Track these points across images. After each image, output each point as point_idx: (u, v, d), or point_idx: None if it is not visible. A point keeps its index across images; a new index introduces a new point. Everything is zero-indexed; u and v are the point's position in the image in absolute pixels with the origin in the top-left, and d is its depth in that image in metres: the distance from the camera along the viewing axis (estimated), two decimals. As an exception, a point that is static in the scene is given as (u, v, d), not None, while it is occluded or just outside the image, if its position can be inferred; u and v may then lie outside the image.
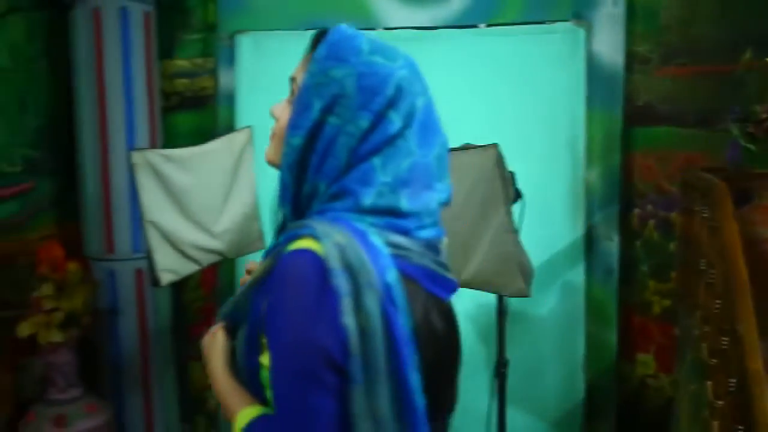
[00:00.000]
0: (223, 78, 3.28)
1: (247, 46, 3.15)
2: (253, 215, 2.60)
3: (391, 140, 1.10)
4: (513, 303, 2.49)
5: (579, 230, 3.02)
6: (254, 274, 1.14)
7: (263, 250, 1.48)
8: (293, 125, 1.14)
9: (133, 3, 3.10)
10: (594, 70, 2.98)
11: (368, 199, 1.09)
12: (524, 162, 2.39)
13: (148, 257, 2.43)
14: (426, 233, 1.14)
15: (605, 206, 3.03)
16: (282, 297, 1.03)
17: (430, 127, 1.17)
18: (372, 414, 1.00)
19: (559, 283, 3.03)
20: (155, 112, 3.25)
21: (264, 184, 2.71)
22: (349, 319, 0.99)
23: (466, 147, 2.20)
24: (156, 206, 2.39)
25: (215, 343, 1.22)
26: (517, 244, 2.19)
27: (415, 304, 1.08)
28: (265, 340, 1.07)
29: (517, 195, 2.33)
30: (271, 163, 1.24)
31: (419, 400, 1.02)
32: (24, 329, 2.80)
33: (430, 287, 1.13)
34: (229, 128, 3.07)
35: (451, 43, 3.08)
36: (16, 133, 3.19)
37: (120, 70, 3.10)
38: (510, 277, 2.19)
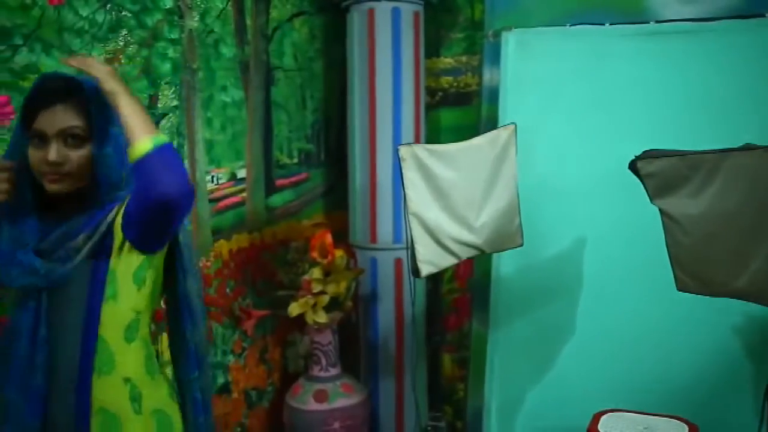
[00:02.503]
0: (487, 75, 3.32)
1: (512, 43, 3.16)
2: (513, 211, 2.60)
3: None
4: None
5: None
6: (113, 215, 1.58)
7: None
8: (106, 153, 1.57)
9: (404, 3, 3.24)
10: None
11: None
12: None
13: (410, 248, 2.51)
14: None
15: None
16: None
17: None
18: None
19: None
20: (420, 108, 3.37)
21: (523, 181, 2.71)
22: None
23: (747, 147, 2.04)
24: (420, 199, 2.46)
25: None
26: (804, 255, 1.99)
27: None
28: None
29: (805, 201, 2.12)
30: (61, 191, 1.57)
31: None
32: (294, 309, 3.01)
33: None
34: (492, 125, 3.09)
35: (730, 35, 2.85)
36: (295, 128, 3.46)
37: (390, 68, 3.26)
38: (793, 290, 2.00)
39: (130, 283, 1.62)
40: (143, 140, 1.45)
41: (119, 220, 1.57)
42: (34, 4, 2.16)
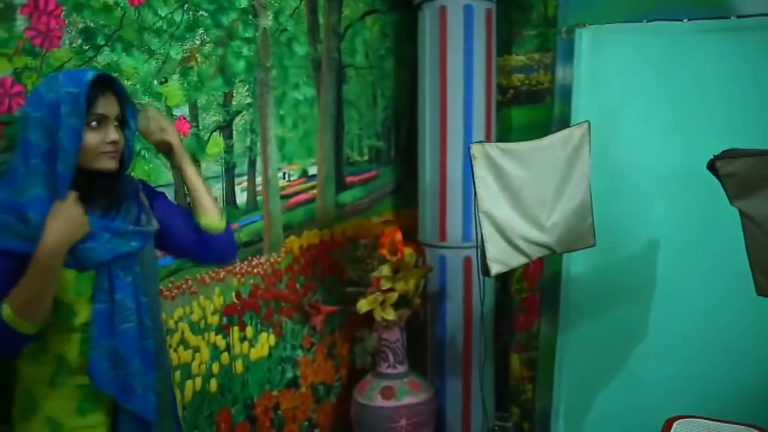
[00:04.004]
0: (560, 72, 3.27)
1: (585, 40, 3.10)
2: (585, 211, 2.56)
3: None
4: None
5: None
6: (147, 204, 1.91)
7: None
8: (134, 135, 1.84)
9: (476, 1, 3.21)
10: None
11: None
12: None
13: (480, 247, 2.50)
14: None
15: None
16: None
17: None
18: None
19: None
20: (491, 106, 3.34)
21: (596, 180, 2.66)
22: None
23: None
24: (491, 198, 2.44)
25: None
26: None
27: None
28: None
29: None
30: (113, 168, 1.77)
31: None
32: (363, 306, 3.03)
33: None
34: (564, 123, 3.05)
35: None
36: (365, 126, 3.48)
37: (461, 66, 3.24)
38: None
39: None
40: (219, 219, 1.96)
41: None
42: (116, 4, 2.23)
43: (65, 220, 1.62)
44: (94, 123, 1.69)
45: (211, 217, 1.94)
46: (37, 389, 1.76)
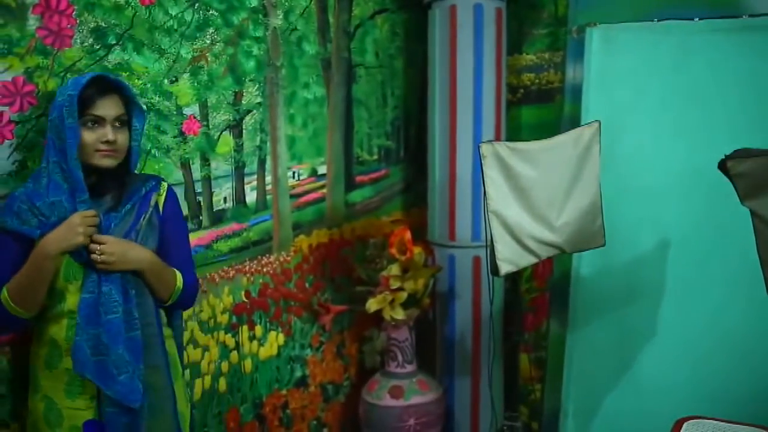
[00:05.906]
0: (570, 72, 3.26)
1: (596, 39, 3.09)
2: (595, 211, 2.55)
3: None
4: None
5: None
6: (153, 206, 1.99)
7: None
8: (140, 135, 1.97)
9: (487, 0, 3.21)
10: None
11: None
12: None
13: (490, 247, 2.50)
14: None
15: None
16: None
17: None
18: None
19: None
20: (501, 105, 3.34)
21: (606, 180, 2.65)
22: None
23: None
24: (500, 197, 2.44)
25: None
26: None
27: None
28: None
29: None
30: (110, 166, 1.88)
31: None
32: (372, 305, 3.03)
33: None
34: (574, 123, 3.04)
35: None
36: (375, 125, 3.48)
37: (471, 65, 3.24)
38: None
39: None
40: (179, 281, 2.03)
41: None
42: (127, 4, 2.23)
43: (65, 229, 1.78)
44: (89, 123, 1.84)
45: (177, 283, 2.03)
46: (38, 369, 1.90)
